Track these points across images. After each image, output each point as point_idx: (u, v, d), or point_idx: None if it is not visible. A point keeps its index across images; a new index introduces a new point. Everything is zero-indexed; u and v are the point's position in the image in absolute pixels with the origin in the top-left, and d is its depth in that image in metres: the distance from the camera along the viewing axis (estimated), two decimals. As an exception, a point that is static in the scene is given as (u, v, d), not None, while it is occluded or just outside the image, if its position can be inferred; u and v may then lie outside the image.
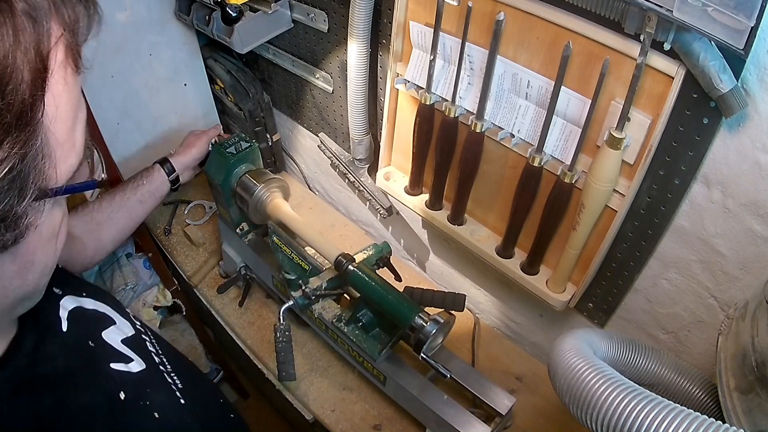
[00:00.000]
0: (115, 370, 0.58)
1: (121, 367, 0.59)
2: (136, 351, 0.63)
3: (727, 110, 0.66)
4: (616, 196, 0.83)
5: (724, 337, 0.65)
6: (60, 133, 0.39)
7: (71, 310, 0.59)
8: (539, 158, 0.87)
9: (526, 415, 1.09)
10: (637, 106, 0.75)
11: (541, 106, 0.86)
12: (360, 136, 1.22)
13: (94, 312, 0.63)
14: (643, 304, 0.97)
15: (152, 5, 1.26)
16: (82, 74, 0.42)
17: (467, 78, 0.93)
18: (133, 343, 0.64)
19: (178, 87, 1.43)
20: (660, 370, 0.76)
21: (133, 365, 0.61)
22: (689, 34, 0.63)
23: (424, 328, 0.89)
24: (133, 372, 0.60)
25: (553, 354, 0.68)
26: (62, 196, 0.42)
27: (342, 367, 1.19)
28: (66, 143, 0.41)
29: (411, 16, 0.95)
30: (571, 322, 1.14)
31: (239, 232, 1.22)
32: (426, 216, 1.15)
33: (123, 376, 0.58)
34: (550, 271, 1.02)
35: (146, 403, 0.58)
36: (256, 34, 1.21)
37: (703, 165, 0.75)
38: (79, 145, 0.43)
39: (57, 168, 0.40)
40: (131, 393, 0.56)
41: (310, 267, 1.03)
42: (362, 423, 1.10)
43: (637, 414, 0.53)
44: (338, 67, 1.21)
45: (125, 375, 0.59)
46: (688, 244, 0.84)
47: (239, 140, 1.13)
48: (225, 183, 1.11)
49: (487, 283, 1.30)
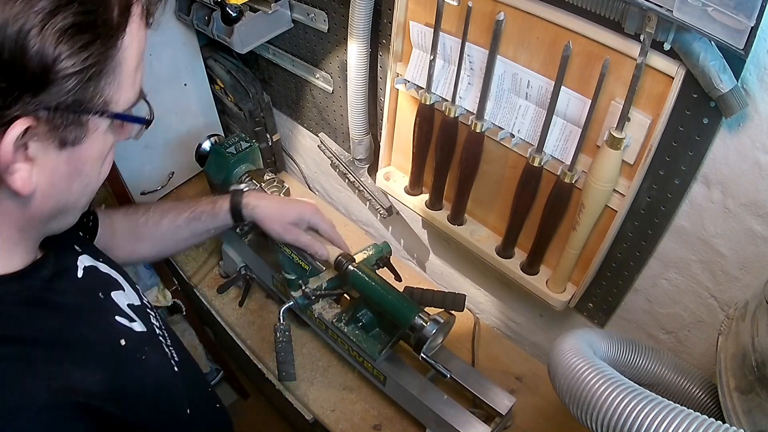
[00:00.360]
0: (119, 322, 0.62)
1: (125, 322, 0.63)
2: (140, 317, 0.67)
3: (727, 110, 0.66)
4: (616, 196, 0.83)
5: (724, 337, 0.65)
6: (128, 67, 0.49)
7: (87, 266, 0.64)
8: (539, 158, 0.87)
9: (526, 415, 1.09)
10: (637, 106, 0.75)
11: (541, 106, 0.86)
12: (360, 136, 1.22)
13: (107, 275, 0.68)
14: (643, 304, 0.97)
15: (152, 5, 1.26)
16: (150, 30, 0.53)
17: (467, 78, 0.93)
18: (138, 310, 0.68)
19: (178, 87, 1.43)
20: (660, 370, 0.76)
21: (135, 325, 0.65)
22: (689, 34, 0.63)
23: (424, 328, 0.89)
24: (134, 330, 0.64)
25: (553, 354, 0.68)
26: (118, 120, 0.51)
27: (342, 367, 1.19)
28: (130, 77, 0.50)
29: (411, 16, 0.95)
30: (571, 322, 1.14)
31: (239, 232, 1.22)
32: (426, 216, 1.15)
33: (126, 329, 0.62)
34: (550, 271, 1.02)
35: (143, 357, 0.62)
36: (256, 34, 1.21)
37: (703, 165, 0.75)
38: (137, 86, 0.52)
39: (120, 94, 0.49)
40: (132, 343, 0.61)
41: (310, 267, 1.03)
42: (362, 423, 1.10)
43: (637, 414, 0.53)
44: (338, 67, 1.21)
45: (127, 329, 0.63)
46: (688, 244, 0.84)
47: (239, 140, 1.13)
48: (225, 183, 1.11)
49: (487, 283, 1.30)
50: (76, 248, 0.66)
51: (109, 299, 0.64)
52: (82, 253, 0.66)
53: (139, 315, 0.67)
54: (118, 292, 0.67)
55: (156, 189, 1.53)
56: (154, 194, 1.54)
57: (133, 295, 0.70)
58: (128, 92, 0.51)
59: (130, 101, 0.52)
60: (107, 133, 0.52)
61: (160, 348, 0.68)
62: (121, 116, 0.51)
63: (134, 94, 0.52)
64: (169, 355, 0.69)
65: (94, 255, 0.68)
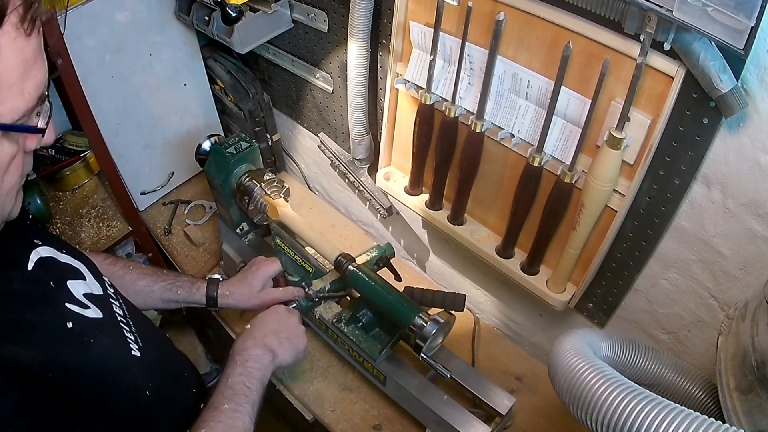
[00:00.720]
0: (69, 309, 0.65)
1: (77, 309, 0.66)
2: (97, 304, 0.70)
3: (727, 110, 0.66)
4: (616, 196, 0.83)
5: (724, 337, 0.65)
6: (7, 77, 0.48)
7: (43, 257, 0.67)
8: (539, 158, 0.87)
9: (526, 415, 1.09)
10: (637, 106, 0.75)
11: (541, 106, 0.86)
12: (360, 136, 1.21)
13: (67, 265, 0.71)
14: (643, 304, 0.97)
15: (152, 5, 1.26)
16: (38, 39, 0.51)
17: (467, 78, 0.93)
18: (96, 299, 0.71)
19: (178, 87, 1.43)
20: (660, 370, 0.76)
21: (89, 312, 0.68)
22: (689, 34, 0.63)
23: (424, 328, 0.89)
24: (86, 316, 0.67)
25: (553, 354, 0.68)
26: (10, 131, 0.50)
27: (342, 367, 1.19)
28: (12, 88, 0.49)
29: (411, 16, 0.95)
30: (571, 322, 1.13)
31: (239, 232, 1.22)
32: (426, 216, 1.15)
33: (75, 315, 0.66)
34: (550, 271, 1.02)
35: (90, 340, 0.65)
36: (256, 34, 1.21)
37: (703, 165, 0.75)
38: (28, 96, 0.50)
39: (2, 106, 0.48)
40: (78, 327, 0.64)
41: (313, 269, 1.03)
42: (362, 423, 1.10)
43: (637, 414, 0.53)
44: (338, 67, 1.21)
45: (77, 315, 0.66)
46: (688, 244, 0.84)
47: (239, 140, 1.13)
48: (225, 183, 1.11)
49: (487, 283, 1.30)
50: (35, 242, 0.68)
51: (62, 287, 0.67)
52: (42, 245, 0.68)
53: (96, 303, 0.70)
54: (75, 282, 0.70)
55: (156, 189, 1.53)
56: (154, 194, 1.54)
57: (96, 285, 0.74)
58: (13, 102, 0.49)
59: (19, 111, 0.50)
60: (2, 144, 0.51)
61: (117, 332, 0.72)
62: (5, 127, 0.49)
63: (23, 103, 0.50)
64: (128, 338, 0.73)
65: (57, 247, 0.71)
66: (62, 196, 1.57)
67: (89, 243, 1.42)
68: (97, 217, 1.49)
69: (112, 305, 0.75)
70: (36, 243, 0.68)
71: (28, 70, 0.50)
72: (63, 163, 1.53)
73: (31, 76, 0.51)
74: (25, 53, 0.49)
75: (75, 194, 1.57)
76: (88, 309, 0.68)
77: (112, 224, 1.47)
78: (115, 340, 0.71)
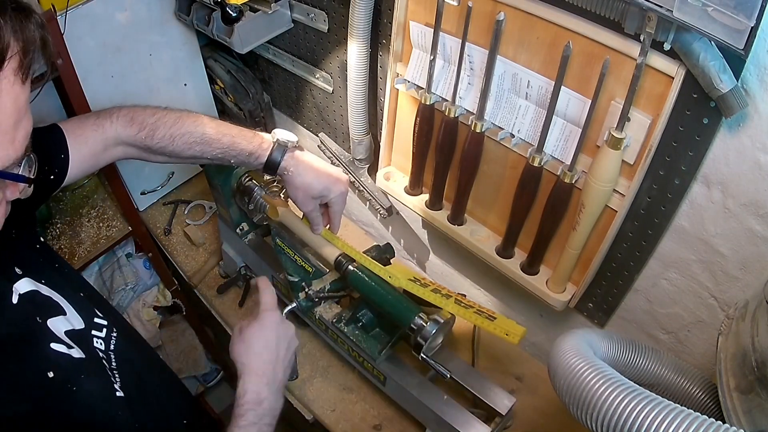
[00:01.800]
0: (54, 350, 0.62)
1: (62, 349, 0.63)
2: (78, 343, 0.67)
3: (727, 110, 0.66)
4: (616, 196, 0.83)
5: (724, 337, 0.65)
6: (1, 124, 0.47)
7: (25, 293, 0.63)
8: (539, 158, 0.87)
9: (526, 415, 1.09)
10: (637, 106, 0.75)
11: (541, 106, 0.86)
12: (360, 136, 1.22)
13: (47, 299, 0.67)
14: (643, 304, 0.97)
15: (152, 5, 1.26)
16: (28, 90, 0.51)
17: (467, 78, 0.93)
18: (76, 336, 0.67)
19: (178, 87, 1.43)
20: (660, 370, 0.76)
21: (73, 351, 0.65)
22: (689, 34, 0.63)
23: (424, 328, 0.89)
24: (72, 356, 0.64)
25: (553, 354, 0.68)
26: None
27: (342, 367, 1.19)
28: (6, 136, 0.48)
29: (411, 16, 0.95)
30: (571, 322, 1.13)
31: (239, 232, 1.22)
32: (426, 216, 1.15)
33: (60, 357, 0.62)
34: (550, 271, 1.02)
35: (73, 388, 0.62)
36: (256, 34, 1.21)
37: (703, 165, 0.75)
38: (18, 144, 0.50)
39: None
40: (61, 374, 0.61)
41: (313, 269, 1.03)
42: (362, 423, 1.10)
43: (637, 414, 0.52)
44: (338, 67, 1.21)
45: (62, 357, 0.63)
46: (688, 244, 0.84)
47: (239, 140, 1.13)
48: (225, 183, 1.11)
49: (487, 283, 1.30)
50: (16, 271, 0.64)
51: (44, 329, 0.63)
52: (23, 276, 0.64)
53: (78, 341, 0.66)
54: (57, 318, 0.66)
55: (156, 189, 1.54)
56: (154, 194, 1.54)
57: (76, 318, 0.69)
58: (5, 149, 0.49)
59: (11, 159, 0.50)
60: None
61: (101, 373, 0.68)
62: None
63: (14, 152, 0.50)
64: (112, 381, 0.68)
65: (36, 276, 0.67)
66: (62, 196, 1.56)
67: (89, 243, 1.42)
68: (97, 217, 1.49)
69: (92, 339, 0.70)
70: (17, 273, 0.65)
71: (20, 119, 0.50)
72: (63, 163, 1.53)
73: (22, 126, 0.50)
74: (19, 102, 0.49)
75: (75, 194, 1.56)
76: (72, 349, 0.65)
77: (112, 224, 1.47)
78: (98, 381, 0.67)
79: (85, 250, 1.41)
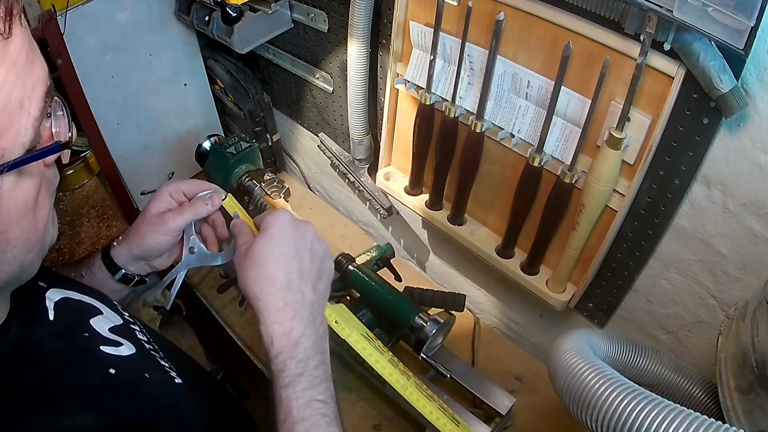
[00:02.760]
0: (105, 353, 0.57)
1: (112, 350, 0.58)
2: (125, 337, 0.62)
3: (727, 110, 0.66)
4: (616, 196, 0.83)
5: (724, 337, 0.65)
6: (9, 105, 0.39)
7: (57, 301, 0.58)
8: (539, 158, 0.87)
9: (526, 415, 1.09)
10: (637, 106, 0.75)
11: (541, 106, 0.86)
12: (360, 136, 1.21)
13: (80, 302, 0.62)
14: (643, 304, 0.97)
15: (152, 5, 1.26)
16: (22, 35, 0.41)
17: (467, 78, 0.93)
18: (121, 330, 0.63)
19: (178, 87, 1.43)
20: (660, 370, 0.76)
21: (122, 349, 0.59)
22: (689, 34, 0.63)
23: (424, 328, 0.89)
24: (123, 355, 0.59)
25: (553, 354, 0.68)
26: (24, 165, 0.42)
27: (342, 367, 1.19)
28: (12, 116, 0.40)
29: (411, 16, 0.95)
30: (571, 322, 1.13)
31: (239, 232, 1.21)
32: (426, 216, 1.15)
33: (113, 358, 0.57)
34: (550, 271, 1.02)
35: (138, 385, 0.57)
36: (256, 34, 1.21)
37: (703, 165, 0.75)
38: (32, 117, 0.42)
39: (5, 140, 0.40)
40: (122, 372, 0.56)
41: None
42: (362, 423, 1.10)
43: (637, 414, 0.53)
44: (338, 67, 1.21)
45: (115, 357, 0.57)
46: (688, 244, 0.84)
47: (239, 140, 1.13)
48: (225, 183, 1.11)
49: (487, 283, 1.30)
50: (40, 284, 0.59)
51: (90, 330, 0.59)
52: (48, 288, 0.59)
53: (123, 335, 0.61)
54: (96, 318, 0.61)
55: (156, 189, 1.53)
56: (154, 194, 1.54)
57: (113, 314, 0.65)
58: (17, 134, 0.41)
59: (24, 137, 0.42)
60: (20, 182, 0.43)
61: (156, 364, 0.63)
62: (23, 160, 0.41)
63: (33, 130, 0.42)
64: (166, 367, 0.64)
65: (62, 285, 0.62)
66: (62, 196, 1.57)
67: (89, 243, 1.42)
68: (97, 217, 1.49)
69: (135, 332, 0.65)
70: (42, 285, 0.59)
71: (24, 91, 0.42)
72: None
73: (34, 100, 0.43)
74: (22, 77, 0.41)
75: (75, 194, 1.57)
76: (121, 346, 0.60)
77: (112, 224, 1.47)
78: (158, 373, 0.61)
79: (85, 250, 1.41)
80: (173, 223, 0.74)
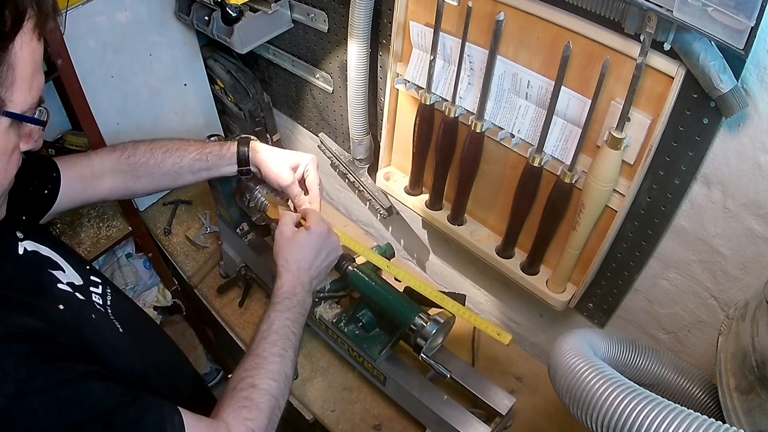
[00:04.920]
0: (60, 290, 0.70)
1: (68, 289, 0.71)
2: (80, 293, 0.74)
3: (727, 110, 0.66)
4: (616, 196, 0.83)
5: (724, 337, 0.65)
6: (21, 72, 0.55)
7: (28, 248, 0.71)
8: (539, 158, 0.87)
9: (526, 415, 1.09)
10: (637, 106, 0.75)
11: (541, 106, 0.86)
12: (360, 136, 1.22)
13: (47, 258, 0.74)
14: (643, 304, 0.97)
15: (152, 5, 1.26)
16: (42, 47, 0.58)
17: (467, 78, 0.93)
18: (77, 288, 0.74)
19: (178, 87, 1.43)
20: (660, 370, 0.76)
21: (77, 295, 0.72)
22: (689, 34, 0.63)
23: (424, 328, 0.89)
24: (78, 297, 0.72)
25: (553, 354, 0.68)
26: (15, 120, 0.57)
27: (342, 367, 1.19)
28: (26, 81, 0.56)
29: (411, 16, 0.95)
30: (571, 322, 1.13)
31: (239, 232, 1.22)
32: (426, 216, 1.15)
33: (67, 295, 0.70)
34: (550, 271, 1.02)
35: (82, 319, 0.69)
36: (256, 34, 1.21)
37: (703, 165, 0.75)
38: (34, 92, 0.58)
39: (14, 95, 0.55)
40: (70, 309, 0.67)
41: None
42: (362, 423, 1.10)
43: (637, 414, 0.52)
44: (338, 67, 1.21)
45: (69, 295, 0.70)
46: (688, 244, 0.84)
47: (239, 140, 1.13)
48: (225, 183, 1.11)
49: (487, 283, 1.30)
50: (17, 235, 0.71)
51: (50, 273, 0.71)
52: (24, 239, 0.72)
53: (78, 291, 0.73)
54: (57, 272, 0.73)
55: (156, 189, 1.53)
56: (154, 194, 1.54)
57: (74, 276, 0.76)
58: (25, 95, 0.56)
59: (28, 104, 0.57)
60: (9, 133, 0.57)
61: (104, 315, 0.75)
62: (18, 116, 0.57)
63: (32, 98, 0.58)
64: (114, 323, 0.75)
65: (38, 240, 0.74)
66: (62, 196, 1.56)
67: (89, 243, 1.42)
68: (97, 217, 1.49)
69: (91, 294, 0.77)
70: (18, 236, 0.71)
71: (36, 71, 0.58)
72: (63, 163, 1.53)
73: (36, 78, 0.58)
74: (36, 55, 0.57)
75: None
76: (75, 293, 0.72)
77: (112, 224, 1.47)
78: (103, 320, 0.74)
79: (85, 250, 1.41)
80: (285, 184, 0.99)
